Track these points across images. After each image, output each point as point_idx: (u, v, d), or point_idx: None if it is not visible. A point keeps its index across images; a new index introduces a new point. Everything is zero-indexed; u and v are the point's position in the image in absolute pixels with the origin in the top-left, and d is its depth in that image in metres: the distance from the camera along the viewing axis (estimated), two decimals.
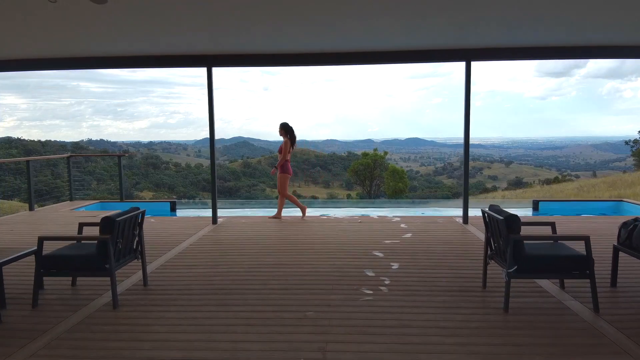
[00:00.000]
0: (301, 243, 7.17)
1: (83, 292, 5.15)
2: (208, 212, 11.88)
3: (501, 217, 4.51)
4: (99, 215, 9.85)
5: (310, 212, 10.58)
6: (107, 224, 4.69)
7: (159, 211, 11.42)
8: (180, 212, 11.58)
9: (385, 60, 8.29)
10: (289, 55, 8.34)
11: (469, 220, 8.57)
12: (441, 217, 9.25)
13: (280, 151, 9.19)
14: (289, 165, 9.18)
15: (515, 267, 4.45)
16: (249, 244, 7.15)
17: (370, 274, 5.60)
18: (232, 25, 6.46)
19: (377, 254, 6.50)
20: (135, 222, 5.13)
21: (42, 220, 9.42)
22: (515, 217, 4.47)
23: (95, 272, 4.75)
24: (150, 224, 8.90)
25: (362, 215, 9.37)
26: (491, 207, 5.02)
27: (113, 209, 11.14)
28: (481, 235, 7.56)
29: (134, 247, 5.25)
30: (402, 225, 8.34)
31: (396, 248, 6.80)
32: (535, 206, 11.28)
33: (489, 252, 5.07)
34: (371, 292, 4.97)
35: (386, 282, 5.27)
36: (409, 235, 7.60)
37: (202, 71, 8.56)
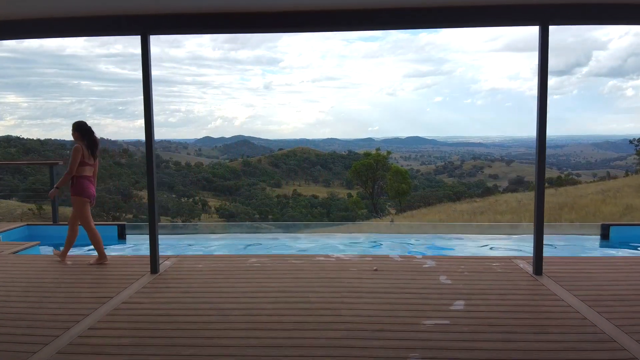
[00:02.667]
0: (278, 326, 4.03)
1: None
2: (171, 239, 8.80)
3: None
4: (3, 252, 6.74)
5: (304, 244, 7.55)
6: None
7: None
8: (133, 239, 8.44)
9: (424, 21, 5.20)
10: (268, 14, 5.19)
11: (543, 267, 5.39)
12: (493, 258, 6.10)
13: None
14: (84, 184, 5.81)
15: None
16: (192, 327, 4.00)
17: None
18: None
19: None
20: None
21: None
22: None
23: None
24: (60, 271, 5.75)
25: (377, 258, 6.16)
26: None
27: (41, 237, 8.02)
28: (581, 306, 4.40)
29: None
30: (443, 279, 5.18)
31: (448, 343, 3.65)
32: (605, 233, 8.13)
33: None
34: None
35: None
36: (460, 304, 4.44)
37: (203, 71, 5.67)
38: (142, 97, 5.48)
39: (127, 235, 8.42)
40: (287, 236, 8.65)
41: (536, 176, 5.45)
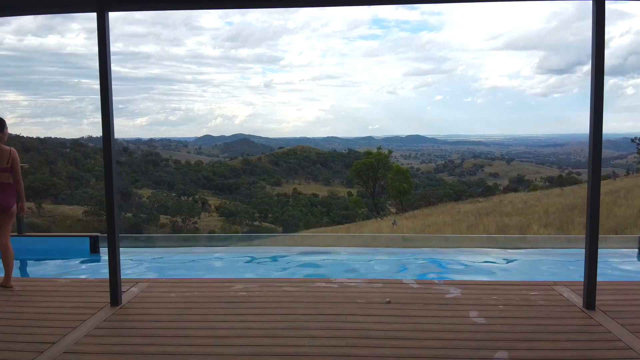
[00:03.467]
0: None
1: None
2: (151, 253, 7.71)
3: None
4: None
5: (303, 258, 6.51)
6: None
7: (70, 252, 7.22)
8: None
9: None
10: None
11: (596, 300, 4.28)
12: (529, 285, 4.98)
13: None
14: None
15: None
16: None
17: None
18: None
19: None
20: None
21: None
22: None
23: None
24: (1, 302, 4.65)
25: (389, 283, 5.05)
26: None
27: None
28: None
29: None
30: (474, 316, 4.07)
31: None
32: None
33: None
34: None
35: None
36: (503, 358, 3.35)
37: (204, 69, 4.69)
38: (142, 95, 4.59)
39: (100, 249, 7.32)
40: (284, 250, 7.55)
41: (589, 184, 4.33)
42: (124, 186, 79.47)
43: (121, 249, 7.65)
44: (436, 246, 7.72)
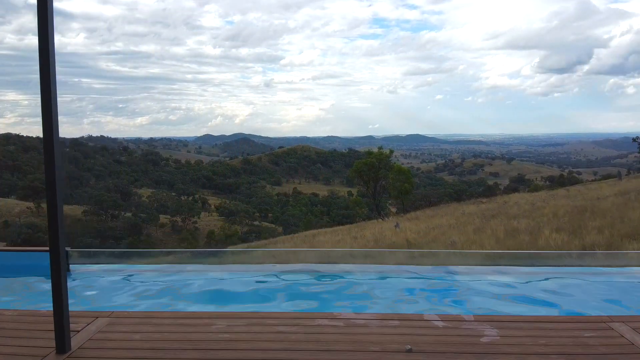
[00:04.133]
0: None
1: None
2: (127, 271, 6.71)
3: None
4: None
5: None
6: None
7: (34, 269, 6.25)
8: (81, 273, 6.37)
9: None
10: None
11: None
12: (580, 321, 4.02)
13: None
14: None
15: None
16: None
17: None
18: None
19: None
20: None
21: None
22: None
23: None
24: None
25: (407, 320, 4.05)
26: None
27: None
28: None
29: None
30: None
31: None
32: None
33: None
34: None
35: None
36: None
37: (204, 68, 3.61)
38: (142, 94, 3.83)
39: (71, 266, 6.33)
40: (281, 267, 6.56)
41: None
42: (123, 185, 78.57)
43: (94, 266, 6.67)
44: (450, 263, 6.73)
